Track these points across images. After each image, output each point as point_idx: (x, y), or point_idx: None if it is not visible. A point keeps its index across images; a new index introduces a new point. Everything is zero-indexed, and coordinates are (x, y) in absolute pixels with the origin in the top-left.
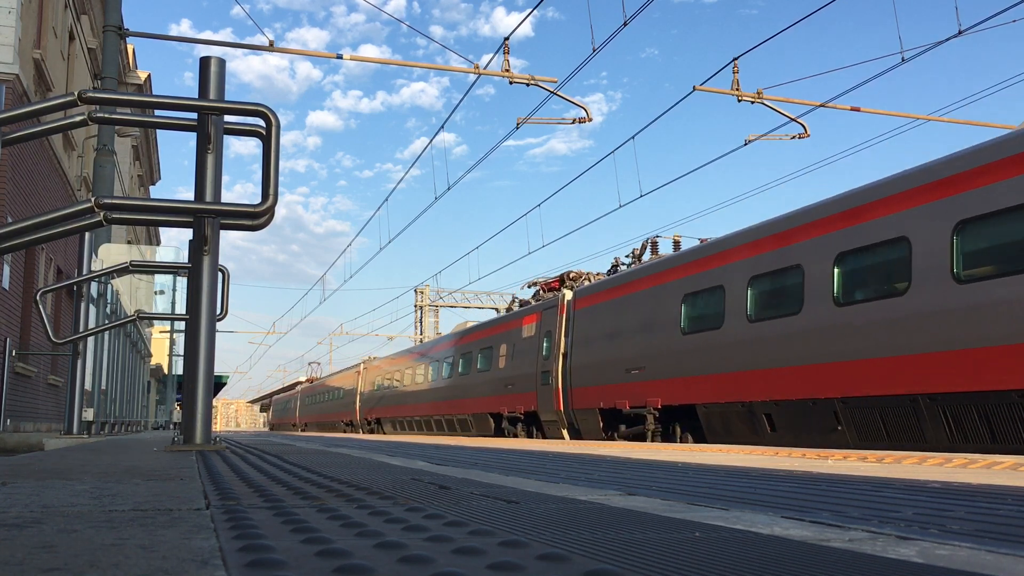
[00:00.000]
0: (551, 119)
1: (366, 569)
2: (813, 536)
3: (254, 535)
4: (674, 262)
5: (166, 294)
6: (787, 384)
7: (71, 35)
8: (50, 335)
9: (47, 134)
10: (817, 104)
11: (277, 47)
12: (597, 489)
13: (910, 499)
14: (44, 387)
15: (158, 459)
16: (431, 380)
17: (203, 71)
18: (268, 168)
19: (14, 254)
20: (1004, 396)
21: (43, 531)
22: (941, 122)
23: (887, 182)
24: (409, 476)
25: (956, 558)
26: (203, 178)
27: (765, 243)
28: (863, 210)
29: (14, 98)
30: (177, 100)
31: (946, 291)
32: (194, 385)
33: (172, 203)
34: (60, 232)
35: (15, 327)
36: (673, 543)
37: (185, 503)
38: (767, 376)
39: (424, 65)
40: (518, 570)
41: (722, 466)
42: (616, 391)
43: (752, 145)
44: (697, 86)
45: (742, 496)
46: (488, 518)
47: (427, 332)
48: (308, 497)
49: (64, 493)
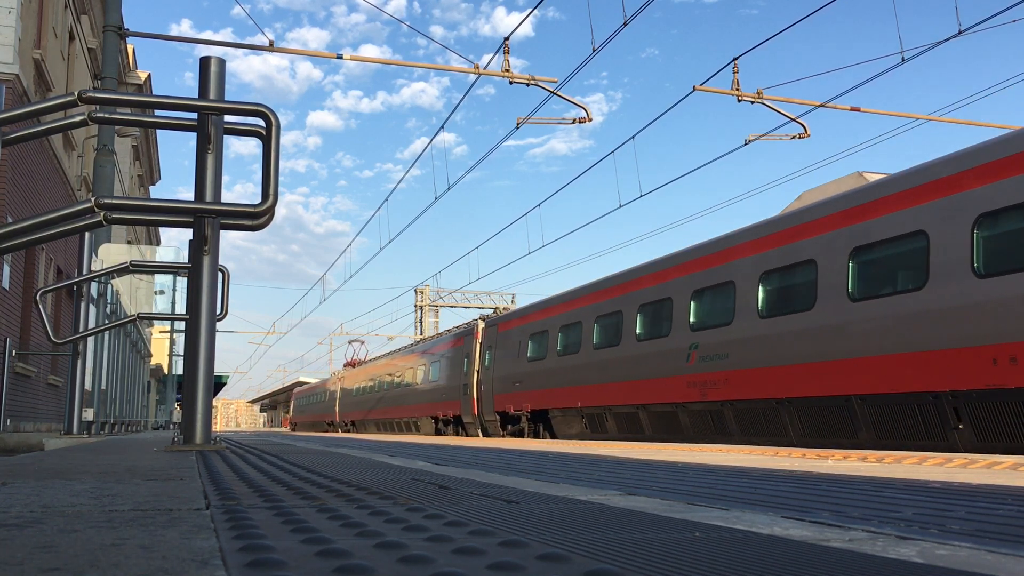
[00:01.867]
0: (551, 119)
1: (366, 569)
2: (813, 536)
3: (254, 535)
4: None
5: (166, 294)
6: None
7: (71, 35)
8: (50, 335)
9: (47, 134)
10: (817, 104)
11: (277, 47)
12: (597, 489)
13: (910, 499)
14: (44, 387)
15: (158, 459)
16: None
17: (203, 71)
18: (268, 168)
19: (14, 254)
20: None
21: (43, 531)
22: (941, 122)
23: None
24: (409, 476)
25: (956, 558)
26: (203, 178)
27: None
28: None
29: (14, 98)
30: (177, 100)
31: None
32: (194, 385)
33: (172, 203)
34: (60, 232)
35: (15, 327)
36: (673, 543)
37: (185, 503)
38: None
39: (424, 65)
40: (518, 570)
41: (722, 466)
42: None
43: (752, 145)
44: (697, 86)
45: (742, 496)
46: (488, 518)
47: (427, 332)
48: (308, 497)
49: (64, 493)
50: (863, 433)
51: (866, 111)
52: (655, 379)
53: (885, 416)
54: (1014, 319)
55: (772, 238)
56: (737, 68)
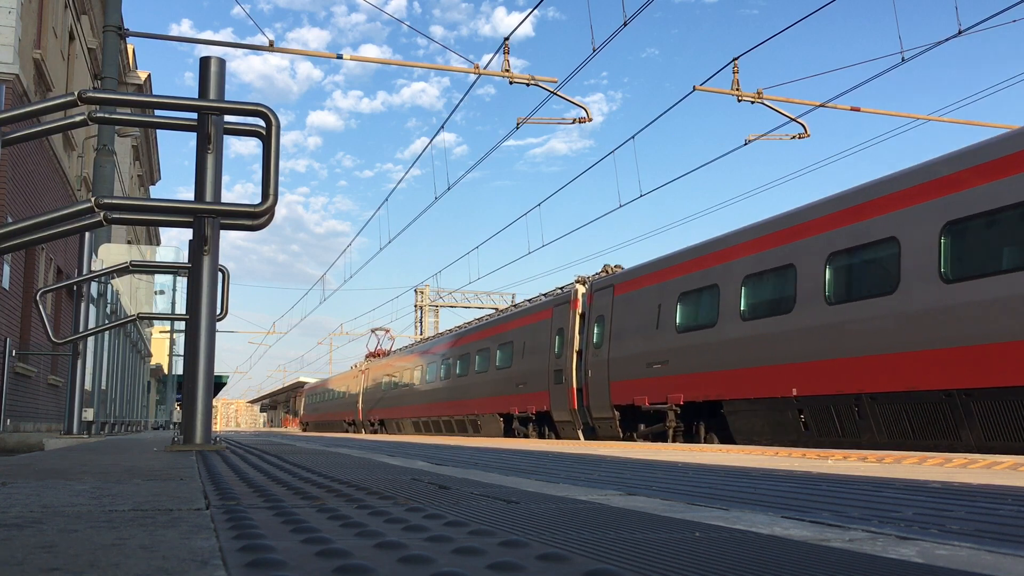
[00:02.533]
0: (551, 119)
1: (366, 569)
2: (813, 536)
3: (254, 535)
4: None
5: (166, 294)
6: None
7: (71, 35)
8: (50, 335)
9: (47, 134)
10: (817, 104)
11: (277, 47)
12: (597, 489)
13: (910, 499)
14: (44, 387)
15: (158, 459)
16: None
17: (203, 71)
18: (268, 168)
19: (14, 254)
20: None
21: (43, 531)
22: (941, 122)
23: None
24: (409, 476)
25: (956, 558)
26: (203, 178)
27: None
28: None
29: (14, 98)
30: (177, 100)
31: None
32: (194, 385)
33: (172, 203)
34: (60, 232)
35: (15, 327)
36: (673, 543)
37: (185, 503)
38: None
39: (424, 65)
40: (518, 570)
41: (722, 466)
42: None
43: (752, 145)
44: (697, 86)
45: (742, 496)
46: (488, 518)
47: (427, 332)
48: (308, 497)
49: (64, 493)
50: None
51: (866, 111)
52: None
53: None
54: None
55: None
56: (737, 68)
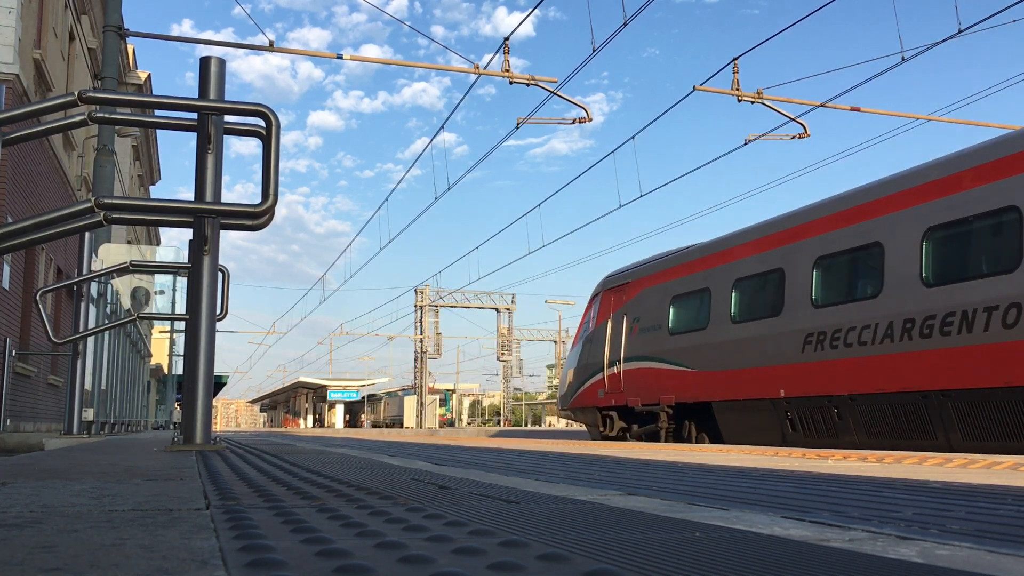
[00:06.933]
0: (551, 119)
1: (366, 569)
2: (813, 536)
3: (254, 535)
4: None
5: (166, 294)
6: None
7: (71, 35)
8: (50, 335)
9: (47, 134)
10: (817, 104)
11: (278, 47)
12: (597, 489)
13: (910, 499)
14: (44, 387)
15: (158, 459)
16: None
17: (203, 71)
18: (268, 168)
19: (14, 254)
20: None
21: (43, 531)
22: (941, 122)
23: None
24: (409, 476)
25: (956, 558)
26: (203, 178)
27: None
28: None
29: (14, 98)
30: (177, 100)
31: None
32: (194, 385)
33: (172, 203)
34: (60, 232)
35: (15, 327)
36: (673, 543)
37: (185, 503)
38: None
39: (425, 65)
40: (518, 570)
41: (722, 466)
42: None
43: (752, 145)
44: (697, 86)
45: (742, 496)
46: (488, 518)
47: (427, 332)
48: (308, 497)
49: (64, 493)
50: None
51: (866, 111)
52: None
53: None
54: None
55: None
56: (737, 68)
